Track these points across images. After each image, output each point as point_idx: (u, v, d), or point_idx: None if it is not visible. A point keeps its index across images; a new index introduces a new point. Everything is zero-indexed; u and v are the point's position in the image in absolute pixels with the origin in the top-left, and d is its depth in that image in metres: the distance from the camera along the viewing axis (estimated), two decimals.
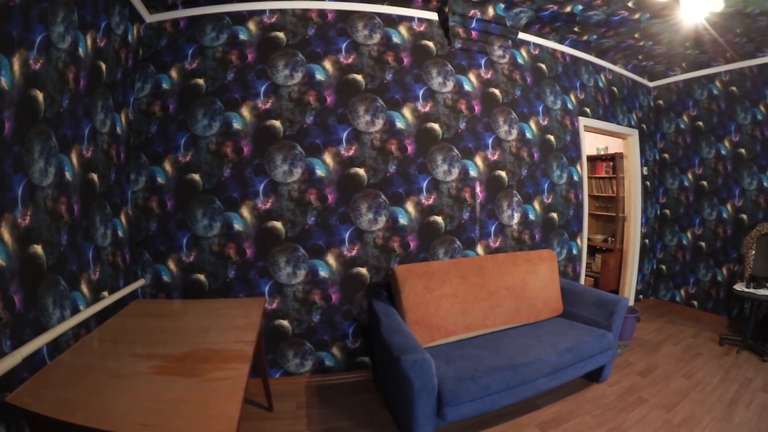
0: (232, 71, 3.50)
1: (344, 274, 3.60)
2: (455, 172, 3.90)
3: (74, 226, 2.44)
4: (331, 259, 3.57)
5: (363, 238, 3.62)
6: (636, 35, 4.58)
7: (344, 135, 3.58)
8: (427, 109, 3.84)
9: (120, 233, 3.09)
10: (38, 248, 2.09)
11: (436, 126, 3.85)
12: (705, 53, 4.98)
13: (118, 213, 3.08)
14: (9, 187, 1.89)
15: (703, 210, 5.33)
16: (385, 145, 3.68)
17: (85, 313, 2.40)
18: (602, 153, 6.52)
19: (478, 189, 3.99)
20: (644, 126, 5.75)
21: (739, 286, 4.17)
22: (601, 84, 5.15)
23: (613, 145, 6.35)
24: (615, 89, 5.35)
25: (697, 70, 5.47)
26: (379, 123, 3.67)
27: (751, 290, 4.03)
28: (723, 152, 5.15)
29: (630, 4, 3.84)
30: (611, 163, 6.29)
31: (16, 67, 1.96)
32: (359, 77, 3.66)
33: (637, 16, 4.09)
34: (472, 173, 3.97)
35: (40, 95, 2.14)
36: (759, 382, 3.44)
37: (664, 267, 5.79)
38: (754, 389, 3.32)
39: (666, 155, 5.84)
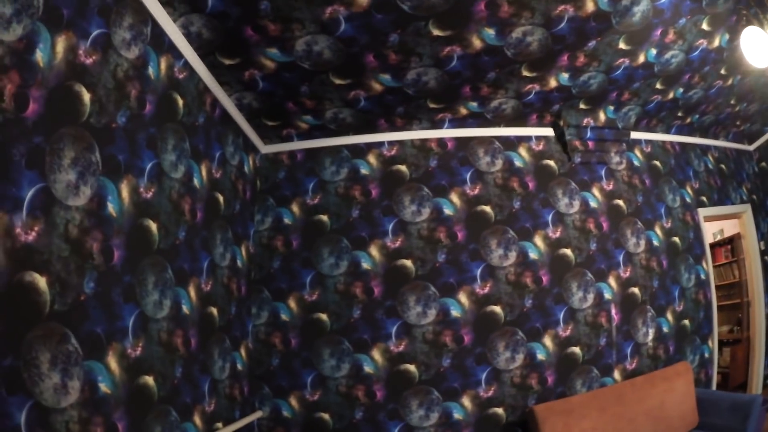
0: (356, 208, 3.56)
1: (479, 416, 3.51)
2: (590, 297, 3.81)
3: (190, 359, 2.42)
4: (466, 401, 3.50)
5: (500, 378, 3.55)
6: (732, 101, 4.55)
7: (478, 272, 3.57)
8: (557, 234, 3.80)
9: (239, 366, 3.11)
10: (149, 379, 2.07)
11: (568, 252, 3.80)
12: None
13: (237, 346, 3.10)
14: (119, 316, 1.87)
15: None
16: (520, 279, 3.64)
17: None
18: (719, 238, 6.32)
19: (613, 311, 3.88)
20: (755, 197, 5.57)
21: None
22: (710, 165, 5.03)
23: (728, 227, 6.16)
24: (723, 167, 5.22)
25: None
26: (512, 256, 3.65)
27: None
28: None
29: (723, 71, 3.85)
30: (729, 247, 6.08)
31: (125, 194, 1.96)
32: (487, 208, 3.67)
33: (730, 81, 4.09)
34: (607, 296, 3.87)
35: (153, 225, 2.15)
36: None
37: None
38: None
39: None
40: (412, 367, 3.46)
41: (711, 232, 6.39)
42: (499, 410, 3.54)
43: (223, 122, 3.07)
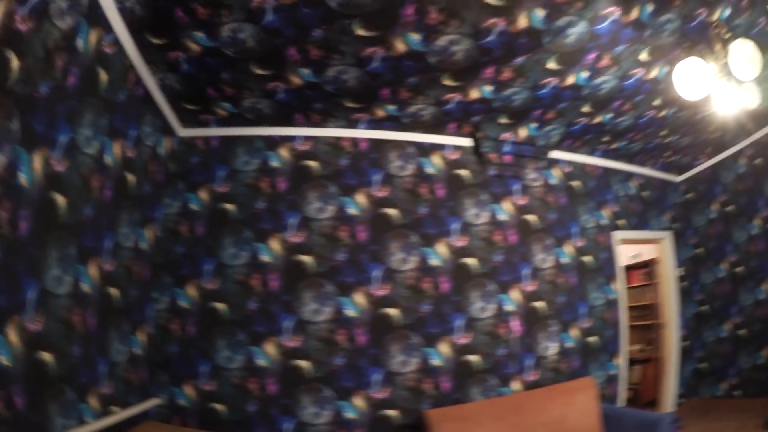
0: (262, 200, 3.55)
1: (372, 417, 3.51)
2: (491, 308, 3.88)
3: (89, 338, 2.38)
4: (358, 401, 3.49)
5: (393, 380, 3.56)
6: (663, 132, 4.66)
7: (377, 273, 3.59)
8: (462, 243, 3.86)
9: (137, 351, 3.05)
10: (47, 356, 2.03)
11: (471, 261, 3.86)
12: (728, 133, 4.98)
13: (136, 330, 3.05)
14: (20, 289, 1.84)
15: (740, 297, 5.25)
16: (419, 284, 3.68)
17: (91, 427, 2.32)
18: (635, 261, 6.52)
19: (514, 323, 3.95)
20: (677, 226, 5.76)
21: None
22: (631, 192, 5.20)
23: (646, 251, 6.35)
24: (646, 194, 5.40)
25: (722, 152, 5.52)
26: (413, 261, 3.70)
27: None
28: (754, 231, 5.13)
29: (656, 103, 3.94)
30: (646, 270, 6.27)
31: (37, 164, 1.93)
32: (393, 211, 3.71)
33: (663, 113, 4.18)
34: (509, 307, 3.94)
35: (61, 200, 2.11)
36: None
37: (704, 365, 5.66)
38: None
39: (699, 250, 5.82)
40: (305, 363, 3.44)
41: (628, 254, 6.58)
42: (393, 413, 3.55)
43: (144, 102, 3.04)
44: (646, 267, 6.30)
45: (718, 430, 4.46)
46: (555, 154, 4.48)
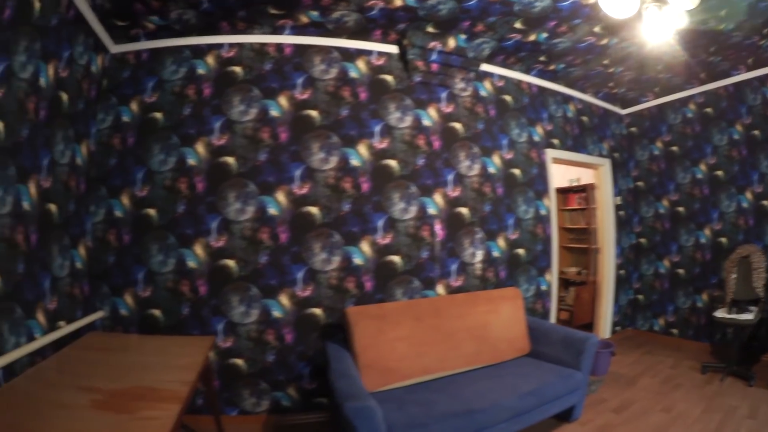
0: (188, 106, 3.73)
1: (298, 315, 3.77)
2: (413, 210, 4.14)
3: (31, 255, 2.59)
4: (284, 299, 3.75)
5: (316, 279, 3.82)
6: (605, 62, 4.87)
7: (297, 173, 3.81)
8: (383, 145, 4.10)
9: (78, 265, 3.26)
10: None
11: (392, 163, 4.11)
12: (678, 76, 5.26)
13: (76, 244, 3.26)
14: None
15: (680, 236, 5.65)
16: (339, 184, 3.92)
17: (40, 342, 2.55)
18: (574, 184, 6.86)
19: (437, 227, 4.23)
20: (616, 155, 6.09)
21: (720, 313, 4.32)
22: (569, 114, 5.47)
23: (586, 176, 6.69)
24: (585, 119, 5.68)
25: (671, 94, 5.82)
26: (334, 160, 3.92)
27: (733, 316, 4.17)
28: (699, 176, 5.49)
29: (597, 29, 4.10)
30: (584, 195, 6.62)
31: None
32: (314, 113, 3.91)
33: (604, 41, 4.35)
34: (431, 211, 4.21)
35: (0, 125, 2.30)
36: (745, 410, 3.48)
37: (641, 297, 6.07)
38: (741, 417, 3.35)
39: (640, 183, 6.18)
40: (231, 263, 3.68)
41: (568, 177, 6.94)
42: (318, 311, 3.82)
43: (76, 22, 3.16)
44: (584, 192, 6.65)
45: (652, 364, 4.86)
46: (488, 68, 4.70)
